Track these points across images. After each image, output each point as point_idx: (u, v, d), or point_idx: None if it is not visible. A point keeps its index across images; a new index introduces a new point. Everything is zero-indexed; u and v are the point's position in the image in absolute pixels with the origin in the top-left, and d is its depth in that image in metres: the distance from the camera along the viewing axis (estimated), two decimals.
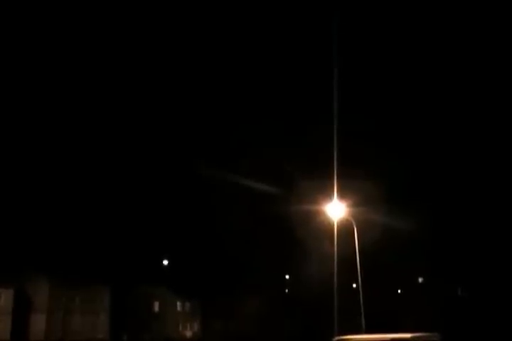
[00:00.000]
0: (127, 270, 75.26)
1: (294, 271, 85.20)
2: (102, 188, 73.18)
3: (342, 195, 29.46)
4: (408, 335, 14.62)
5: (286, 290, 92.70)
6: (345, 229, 30.47)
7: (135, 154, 72.66)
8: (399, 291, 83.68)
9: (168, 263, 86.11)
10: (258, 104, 66.51)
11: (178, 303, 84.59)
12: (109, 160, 72.17)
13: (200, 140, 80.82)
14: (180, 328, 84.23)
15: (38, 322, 67.99)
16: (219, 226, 75.27)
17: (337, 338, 15.49)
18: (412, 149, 71.52)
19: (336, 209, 29.56)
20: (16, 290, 66.31)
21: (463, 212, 68.76)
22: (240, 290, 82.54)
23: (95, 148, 71.72)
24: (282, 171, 61.55)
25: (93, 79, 69.37)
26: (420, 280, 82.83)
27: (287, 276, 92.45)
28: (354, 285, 59.05)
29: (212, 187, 70.75)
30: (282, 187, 59.01)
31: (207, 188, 73.48)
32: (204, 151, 76.21)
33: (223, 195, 72.71)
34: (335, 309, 30.34)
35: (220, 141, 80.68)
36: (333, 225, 29.75)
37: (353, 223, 30.05)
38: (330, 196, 29.32)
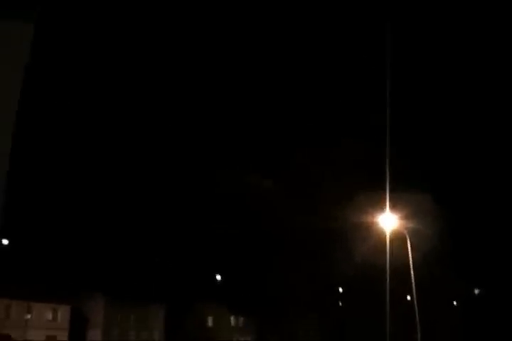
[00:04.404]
0: (181, 287, 75.78)
1: (346, 283, 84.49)
2: (156, 207, 73.60)
3: (394, 207, 29.37)
4: None
5: (340, 303, 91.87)
6: (397, 240, 30.29)
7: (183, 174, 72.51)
8: (454, 303, 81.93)
9: (221, 279, 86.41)
10: (309, 114, 65.75)
11: (232, 318, 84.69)
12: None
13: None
14: None
15: (94, 339, 68.89)
16: (272, 241, 75.35)
17: None
18: (465, 161, 69.58)
19: (388, 221, 29.46)
20: (73, 307, 67.44)
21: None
22: (294, 304, 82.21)
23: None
24: (337, 184, 61.36)
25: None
26: (476, 291, 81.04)
27: (340, 289, 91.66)
28: (408, 298, 58.38)
29: (266, 203, 70.68)
30: (335, 199, 58.81)
31: (259, 204, 73.36)
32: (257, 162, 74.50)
33: (277, 210, 72.58)
34: (387, 322, 30.11)
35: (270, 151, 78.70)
36: (386, 237, 29.62)
37: (407, 235, 29.89)
38: (382, 208, 29.25)
